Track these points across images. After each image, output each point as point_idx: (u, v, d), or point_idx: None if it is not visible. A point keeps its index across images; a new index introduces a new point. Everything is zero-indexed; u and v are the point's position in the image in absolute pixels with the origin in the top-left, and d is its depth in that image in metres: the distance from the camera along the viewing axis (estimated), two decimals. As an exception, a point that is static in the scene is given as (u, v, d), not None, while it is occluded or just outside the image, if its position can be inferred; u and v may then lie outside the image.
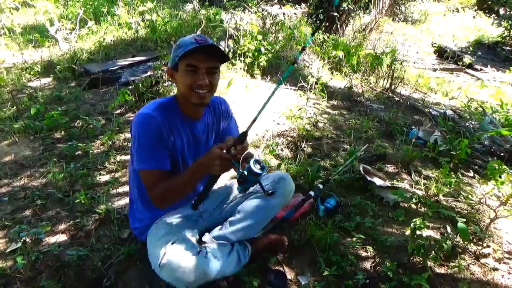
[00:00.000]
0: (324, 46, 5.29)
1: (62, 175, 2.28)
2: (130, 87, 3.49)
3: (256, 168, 1.25)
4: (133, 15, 5.20)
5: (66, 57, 4.16)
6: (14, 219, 2.01)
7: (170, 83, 3.33)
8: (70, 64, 3.92)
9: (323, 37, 5.47)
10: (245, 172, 1.25)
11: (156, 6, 5.51)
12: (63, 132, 2.81)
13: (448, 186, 2.32)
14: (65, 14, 5.17)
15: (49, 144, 2.70)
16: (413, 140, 2.89)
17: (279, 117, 3.02)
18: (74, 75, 3.82)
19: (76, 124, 2.92)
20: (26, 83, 3.71)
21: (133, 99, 3.06)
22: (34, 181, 2.33)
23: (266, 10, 11.54)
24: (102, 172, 2.35)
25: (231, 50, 3.92)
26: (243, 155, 1.25)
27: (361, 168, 2.26)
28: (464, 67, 7.57)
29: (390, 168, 2.58)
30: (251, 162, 1.24)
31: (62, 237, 1.84)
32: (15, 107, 3.18)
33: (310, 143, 2.74)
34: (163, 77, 3.53)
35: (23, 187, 2.28)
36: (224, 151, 1.23)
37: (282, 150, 2.61)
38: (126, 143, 2.67)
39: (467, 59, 7.62)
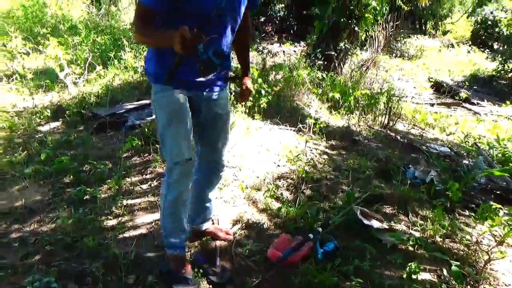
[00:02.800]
0: (323, 85, 5.48)
1: (71, 220, 2.37)
2: (136, 130, 3.64)
3: (214, 58, 1.42)
4: (139, 59, 5.44)
5: (74, 101, 4.34)
6: (24, 265, 2.08)
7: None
8: (79, 109, 4.10)
9: (322, 75, 5.67)
10: (205, 58, 1.39)
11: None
12: (71, 176, 2.92)
13: (444, 227, 2.39)
14: (74, 59, 5.41)
15: (58, 188, 2.81)
16: (409, 180, 2.98)
17: (279, 160, 3.13)
18: (83, 119, 3.98)
19: (84, 168, 3.03)
20: (36, 128, 3.86)
21: (140, 143, 3.19)
22: (44, 226, 2.41)
23: (267, 48, 11.96)
24: (109, 217, 2.44)
25: (233, 93, 4.09)
26: (206, 39, 1.39)
27: (358, 212, 2.34)
28: (461, 101, 7.74)
29: (388, 209, 2.66)
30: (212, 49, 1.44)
31: (70, 284, 1.91)
32: (25, 152, 3.31)
33: (309, 185, 2.83)
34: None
35: (33, 232, 2.37)
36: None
37: (282, 193, 2.70)
38: (132, 187, 2.77)
39: (463, 93, 7.81)
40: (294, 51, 11.53)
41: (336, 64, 7.10)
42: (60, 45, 5.57)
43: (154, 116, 2.18)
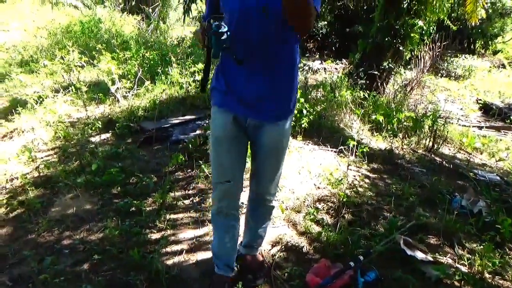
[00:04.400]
0: (365, 105, 5.42)
1: (118, 231, 2.48)
2: (180, 145, 3.77)
3: (214, 25, 1.40)
4: (184, 75, 5.65)
5: (124, 114, 4.56)
6: (73, 272, 2.21)
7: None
8: (127, 122, 4.31)
9: (364, 95, 5.61)
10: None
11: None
12: (119, 188, 3.06)
13: (493, 263, 2.27)
14: (125, 73, 5.70)
15: (106, 199, 2.95)
16: (456, 210, 2.86)
17: (320, 182, 3.12)
18: (131, 132, 4.17)
19: (131, 181, 3.17)
20: (88, 138, 4.09)
21: (183, 159, 3.30)
22: (92, 235, 2.55)
23: (308, 65, 12.00)
24: (153, 231, 2.53)
25: (275, 112, 4.15)
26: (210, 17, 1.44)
27: (401, 242, 2.28)
28: (512, 126, 7.36)
29: (432, 240, 2.57)
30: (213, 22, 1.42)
31: (117, 295, 1.99)
32: (78, 162, 3.52)
33: (350, 210, 2.80)
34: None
35: (82, 240, 2.50)
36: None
37: (322, 217, 2.69)
38: (175, 202, 2.86)
39: (515, 117, 7.42)
40: (336, 69, 11.48)
41: (379, 84, 7.00)
42: (113, 60, 5.90)
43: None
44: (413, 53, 8.16)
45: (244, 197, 2.07)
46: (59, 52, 6.87)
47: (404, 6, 6.71)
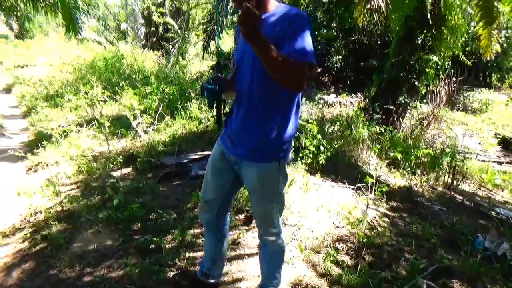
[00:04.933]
0: (381, 140, 5.43)
1: (138, 269, 2.50)
2: (199, 181, 3.82)
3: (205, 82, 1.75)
4: (203, 110, 5.80)
5: (144, 149, 4.67)
6: (94, 310, 2.22)
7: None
8: (148, 157, 4.41)
9: (380, 130, 5.63)
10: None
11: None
12: (139, 224, 3.11)
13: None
14: (145, 108, 5.88)
15: (127, 235, 2.99)
16: (479, 252, 2.80)
17: (339, 222, 3.11)
18: (151, 167, 4.27)
19: (151, 217, 3.22)
20: (110, 173, 4.19)
21: (196, 194, 3.34)
22: (113, 272, 2.57)
23: (323, 99, 12.14)
24: (172, 269, 2.54)
25: (293, 149, 4.19)
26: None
27: (424, 287, 2.24)
28: (533, 161, 7.22)
29: (456, 285, 2.50)
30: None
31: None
32: (100, 197, 3.60)
33: (370, 251, 2.77)
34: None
35: (103, 277, 2.53)
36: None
37: (342, 259, 2.66)
38: (195, 240, 2.88)
39: (536, 153, 7.30)
40: (351, 102, 11.58)
41: (395, 118, 7.02)
42: (135, 95, 6.12)
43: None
44: (428, 87, 8.21)
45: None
46: (83, 87, 7.15)
47: (419, 42, 6.83)
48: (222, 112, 1.78)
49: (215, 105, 1.76)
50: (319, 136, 4.30)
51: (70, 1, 9.65)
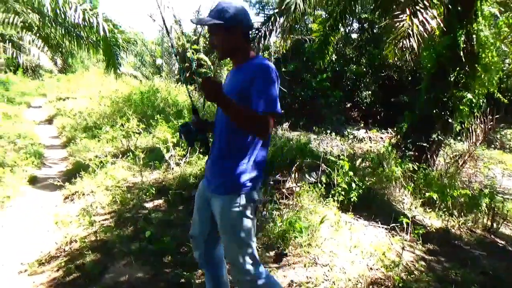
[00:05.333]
0: (415, 178, 5.29)
1: (168, 305, 2.49)
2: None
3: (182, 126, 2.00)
4: (234, 144, 5.88)
5: (176, 181, 4.76)
6: None
7: (267, 213, 3.61)
8: (180, 189, 4.48)
9: (413, 167, 5.49)
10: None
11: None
12: (170, 257, 3.12)
13: None
14: (178, 141, 6.02)
15: (158, 268, 3.01)
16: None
17: (373, 264, 3.01)
18: (182, 199, 4.32)
19: (182, 250, 3.23)
20: (142, 204, 4.28)
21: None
22: (144, 307, 2.57)
23: (353, 134, 12.07)
24: (202, 307, 2.52)
25: (323, 185, 4.16)
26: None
27: None
28: None
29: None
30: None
31: None
32: (132, 228, 3.66)
33: (407, 296, 2.64)
34: (258, 206, 3.84)
35: (134, 312, 2.53)
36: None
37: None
38: (224, 276, 2.85)
39: None
40: (381, 138, 11.44)
41: (429, 156, 6.84)
42: (168, 128, 6.31)
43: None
44: (463, 125, 8.01)
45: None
46: (120, 120, 7.47)
47: (452, 79, 6.74)
48: (199, 150, 2.05)
49: (194, 143, 2.01)
50: (350, 173, 4.24)
51: (111, 39, 10.29)
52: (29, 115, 10.93)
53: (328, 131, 11.72)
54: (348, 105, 17.48)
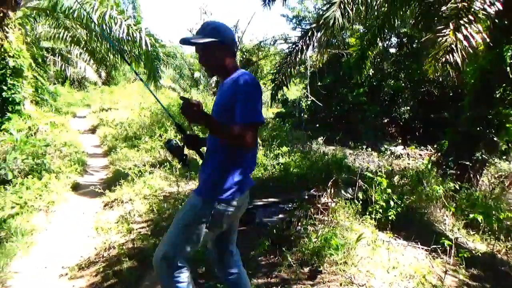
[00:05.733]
0: (457, 198, 5.06)
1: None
2: (263, 229, 3.82)
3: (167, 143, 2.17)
4: (269, 157, 5.90)
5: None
6: None
7: (302, 229, 3.57)
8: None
9: (454, 186, 5.26)
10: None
11: (290, 150, 6.18)
12: (204, 268, 3.14)
13: None
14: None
15: (193, 277, 3.02)
16: None
17: (413, 287, 2.88)
18: (217, 210, 4.36)
19: (215, 262, 3.24)
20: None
21: (267, 244, 3.32)
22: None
23: (390, 150, 11.74)
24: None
25: (360, 201, 4.07)
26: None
27: None
28: None
29: None
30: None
31: None
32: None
33: (449, 323, 2.50)
34: (293, 221, 3.81)
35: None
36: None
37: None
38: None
39: None
40: (420, 155, 11.05)
41: (471, 175, 6.53)
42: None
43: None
44: (510, 144, 7.61)
45: None
46: (158, 130, 7.70)
47: (497, 96, 6.45)
48: (185, 163, 2.15)
49: (183, 158, 2.13)
50: (388, 190, 4.13)
51: (152, 53, 10.70)
52: (74, 124, 11.52)
53: (364, 147, 11.49)
54: (385, 120, 17.06)
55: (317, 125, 16.32)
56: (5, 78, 8.93)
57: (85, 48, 13.78)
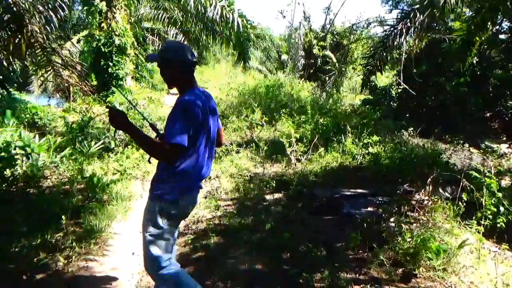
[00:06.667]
0: None
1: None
2: (351, 221, 3.64)
3: None
4: (357, 145, 5.60)
5: (296, 177, 4.73)
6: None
7: (396, 226, 3.32)
8: (300, 186, 4.44)
9: None
10: None
11: (382, 139, 5.81)
12: (289, 254, 3.09)
13: None
14: (301, 137, 5.99)
15: (276, 262, 2.99)
16: None
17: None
18: (302, 196, 4.27)
19: (300, 249, 3.17)
20: (262, 195, 4.35)
21: (355, 236, 3.14)
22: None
23: (491, 148, 10.52)
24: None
25: (464, 203, 3.65)
26: None
27: None
28: None
29: None
30: None
31: None
32: (252, 218, 3.74)
33: None
34: (385, 216, 3.56)
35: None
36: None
37: None
38: (345, 284, 2.69)
39: None
40: (530, 156, 9.68)
41: None
42: (292, 124, 6.32)
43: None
44: None
45: None
46: (245, 111, 7.78)
47: None
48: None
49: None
50: (499, 194, 3.63)
51: (243, 34, 10.82)
52: (168, 101, 12.20)
53: (461, 142, 10.42)
54: (488, 114, 15.27)
55: (407, 115, 15.24)
56: (111, 55, 9.78)
57: (180, 29, 14.53)
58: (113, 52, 9.76)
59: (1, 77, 7.36)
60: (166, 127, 1.98)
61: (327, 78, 13.78)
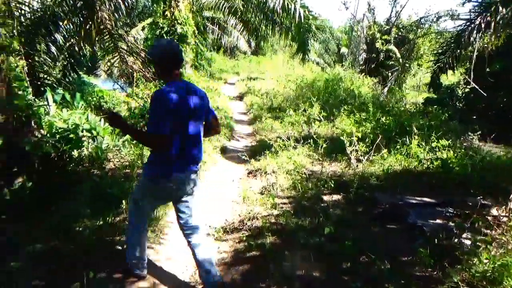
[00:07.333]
0: None
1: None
2: (418, 232, 3.36)
3: None
4: (424, 149, 5.20)
5: (356, 178, 4.47)
6: None
7: (471, 244, 3.00)
8: (361, 189, 4.19)
9: None
10: None
11: (452, 144, 5.36)
12: (349, 264, 2.89)
13: None
14: (363, 136, 5.69)
15: (335, 271, 2.82)
16: None
17: None
18: (363, 200, 4.03)
19: (361, 259, 2.96)
20: (321, 196, 4.17)
21: (424, 252, 2.87)
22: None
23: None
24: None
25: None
26: None
27: None
28: None
29: None
30: None
31: None
32: (309, 219, 3.58)
33: None
34: (457, 231, 3.24)
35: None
36: None
37: None
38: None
39: None
40: None
41: None
42: (352, 122, 6.03)
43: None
44: None
45: None
46: (303, 105, 7.56)
47: None
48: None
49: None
50: None
51: (304, 25, 10.52)
52: (225, 90, 12.32)
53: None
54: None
55: (474, 117, 14.11)
56: (173, 43, 9.95)
57: (240, 19, 14.50)
58: (175, 40, 9.93)
59: (73, 61, 7.76)
60: (148, 118, 2.31)
61: (389, 74, 13.10)
